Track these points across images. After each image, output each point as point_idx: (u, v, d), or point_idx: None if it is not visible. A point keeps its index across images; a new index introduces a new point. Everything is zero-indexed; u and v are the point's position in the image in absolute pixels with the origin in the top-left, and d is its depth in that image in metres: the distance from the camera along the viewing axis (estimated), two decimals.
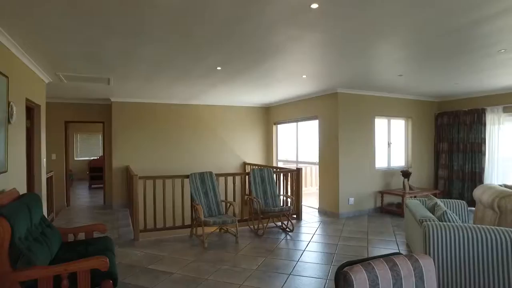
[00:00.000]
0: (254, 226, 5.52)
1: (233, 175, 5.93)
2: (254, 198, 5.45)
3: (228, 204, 5.37)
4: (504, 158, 6.71)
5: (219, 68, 4.58)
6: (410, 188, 6.71)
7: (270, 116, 9.01)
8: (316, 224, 5.97)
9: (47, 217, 5.68)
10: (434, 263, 3.10)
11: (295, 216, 6.33)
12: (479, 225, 3.14)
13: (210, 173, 5.44)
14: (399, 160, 7.47)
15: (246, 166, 8.63)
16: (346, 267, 1.39)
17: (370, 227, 5.71)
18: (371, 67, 4.66)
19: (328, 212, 6.62)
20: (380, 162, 7.06)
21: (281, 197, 6.24)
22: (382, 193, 6.81)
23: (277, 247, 4.73)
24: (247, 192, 6.57)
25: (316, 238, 5.16)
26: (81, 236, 3.46)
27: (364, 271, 1.38)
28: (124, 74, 4.97)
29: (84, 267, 2.33)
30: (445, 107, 7.69)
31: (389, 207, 6.78)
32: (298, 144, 8.06)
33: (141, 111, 7.59)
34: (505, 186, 5.14)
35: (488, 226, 3.10)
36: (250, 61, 4.22)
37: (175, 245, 4.79)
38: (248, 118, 8.88)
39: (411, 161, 7.48)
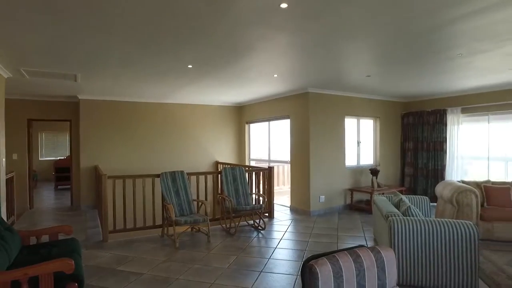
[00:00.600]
0: (226, 225, 5.52)
1: (205, 174, 5.90)
2: (226, 197, 5.45)
3: (200, 203, 5.34)
4: (462, 156, 7.10)
5: (190, 66, 4.54)
6: (378, 186, 6.94)
7: (242, 115, 9.03)
8: (288, 222, 6.05)
9: (7, 220, 5.40)
10: (398, 254, 3.26)
11: (267, 214, 6.39)
12: (438, 219, 3.32)
13: (182, 172, 5.38)
14: (368, 158, 7.72)
15: (219, 165, 8.61)
16: (312, 261, 1.43)
17: (340, 224, 5.86)
18: (340, 67, 4.78)
19: (300, 210, 6.72)
20: (350, 160, 7.26)
21: (253, 196, 6.29)
22: (351, 190, 7.01)
23: (249, 245, 4.76)
24: (219, 191, 6.55)
25: (287, 235, 5.23)
26: (45, 238, 3.33)
27: (328, 263, 1.43)
28: (92, 71, 4.81)
29: (46, 270, 2.24)
30: (411, 107, 8.03)
31: (359, 204, 6.99)
32: (270, 143, 8.13)
33: (111, 109, 7.38)
34: (463, 182, 5.44)
35: (445, 219, 3.28)
36: (222, 60, 4.22)
37: (146, 245, 4.71)
38: (220, 117, 8.85)
39: (379, 159, 7.75)
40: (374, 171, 6.89)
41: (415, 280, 3.27)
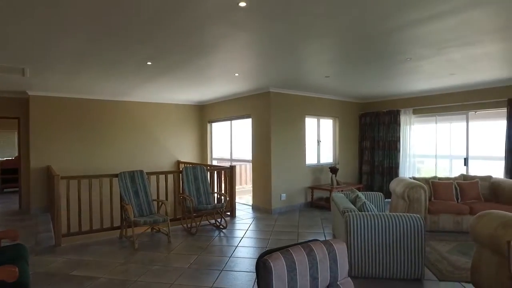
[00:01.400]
0: (187, 225, 5.46)
1: (165, 173, 5.79)
2: (187, 196, 5.39)
3: (160, 203, 5.23)
4: (414, 154, 7.56)
5: (149, 63, 4.43)
6: (337, 183, 7.19)
7: (204, 114, 8.95)
8: (250, 220, 6.10)
9: None
10: (354, 248, 3.41)
11: (229, 213, 6.40)
12: (390, 213, 3.51)
13: (141, 171, 5.25)
14: (327, 157, 7.97)
15: (180, 164, 8.47)
16: (266, 256, 1.47)
17: (300, 221, 6.00)
18: (300, 67, 4.89)
19: (262, 208, 6.80)
20: (310, 159, 7.45)
21: (215, 195, 6.27)
22: (312, 188, 7.20)
23: (210, 244, 4.74)
24: (181, 190, 6.46)
25: (249, 233, 5.27)
26: None
27: (282, 257, 1.47)
28: (43, 65, 4.54)
29: None
30: (368, 108, 8.40)
31: (319, 201, 7.19)
32: (232, 142, 8.14)
33: (65, 107, 7.00)
34: (414, 178, 5.79)
35: (396, 213, 3.48)
36: (182, 57, 4.17)
37: (103, 248, 4.54)
38: (182, 116, 8.71)
39: (339, 157, 8.03)
40: (333, 169, 7.13)
41: (369, 271, 3.43)
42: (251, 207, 7.18)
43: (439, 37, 3.44)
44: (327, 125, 8.00)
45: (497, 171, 6.15)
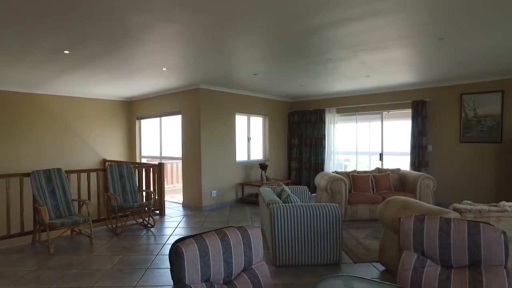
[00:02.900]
0: (112, 225, 5.19)
1: (88, 171, 5.42)
2: (111, 195, 5.12)
3: (81, 203, 4.89)
4: (337, 151, 8.12)
5: (66, 52, 4.11)
6: (267, 179, 7.42)
7: (132, 111, 8.56)
8: (179, 218, 6.01)
9: None
10: (278, 238, 3.56)
11: (158, 212, 6.22)
12: (310, 203, 3.74)
13: (59, 169, 4.84)
14: (258, 153, 8.17)
15: (107, 163, 7.98)
16: (179, 242, 1.48)
17: (230, 217, 6.07)
18: (229, 64, 4.94)
19: (192, 206, 6.74)
20: (241, 156, 7.58)
21: (143, 193, 6.04)
22: (242, 185, 7.33)
23: (136, 243, 4.57)
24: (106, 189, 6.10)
25: (178, 231, 5.19)
26: None
27: (195, 243, 1.50)
28: None
29: None
30: (296, 107, 8.80)
31: (249, 197, 7.35)
32: (162, 139, 7.92)
33: None
34: (336, 172, 6.24)
35: (316, 203, 3.72)
36: (104, 47, 3.94)
37: (10, 256, 4.09)
38: (108, 112, 8.22)
39: (268, 154, 8.28)
40: (263, 166, 7.34)
41: (293, 260, 3.62)
42: (181, 205, 7.06)
43: (353, 40, 3.76)
44: (257, 122, 8.20)
45: (405, 165, 6.92)
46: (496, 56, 4.49)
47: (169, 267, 1.47)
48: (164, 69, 5.11)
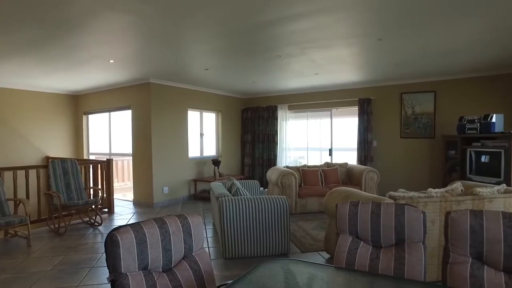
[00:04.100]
0: (54, 225, 4.90)
1: (26, 168, 5.06)
2: (54, 192, 4.83)
3: (18, 203, 4.56)
4: (289, 147, 8.34)
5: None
6: (220, 175, 7.43)
7: (79, 105, 8.12)
8: (129, 216, 5.83)
9: None
10: (228, 231, 3.60)
11: (106, 210, 5.99)
12: (258, 196, 3.82)
13: None
14: (211, 149, 8.14)
15: (50, 161, 7.49)
16: (115, 230, 1.46)
17: (182, 213, 5.98)
18: (179, 58, 4.87)
19: (143, 203, 6.56)
20: (194, 152, 7.51)
21: (91, 190, 5.78)
22: (195, 181, 7.27)
23: (81, 243, 4.37)
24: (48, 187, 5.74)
25: None
26: None
27: (131, 231, 1.49)
28: None
29: None
30: (249, 103, 8.89)
31: (202, 193, 7.31)
32: (112, 135, 7.62)
33: None
34: (287, 167, 6.41)
35: (264, 196, 3.81)
36: (43, 33, 3.69)
37: None
38: (52, 107, 7.71)
39: (221, 150, 8.29)
40: (216, 162, 7.33)
41: (242, 252, 3.68)
42: (132, 202, 6.84)
43: (301, 37, 3.89)
44: (210, 118, 8.17)
45: (353, 159, 7.28)
46: (427, 58, 4.87)
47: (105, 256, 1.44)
48: (112, 61, 4.91)
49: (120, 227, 1.50)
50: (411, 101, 6.64)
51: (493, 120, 4.98)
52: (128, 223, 1.56)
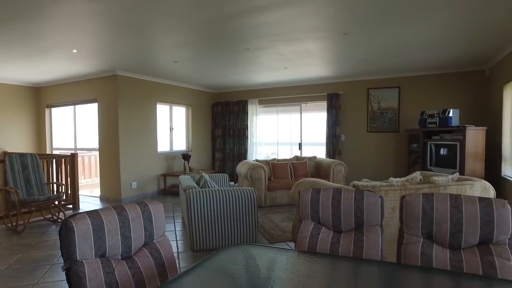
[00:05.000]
0: (12, 223, 4.67)
1: None
2: (11, 188, 4.60)
3: None
4: (260, 142, 8.38)
5: None
6: (190, 170, 7.35)
7: (41, 98, 7.75)
8: None
9: None
10: (195, 223, 3.58)
11: (71, 206, 5.78)
12: (226, 188, 3.83)
13: None
14: (181, 144, 8.04)
15: (7, 155, 7.11)
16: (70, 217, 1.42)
17: None
18: (148, 50, 4.76)
19: (111, 199, 6.39)
20: (163, 146, 7.39)
21: (55, 186, 5.55)
22: (165, 175, 7.16)
23: (41, 240, 4.20)
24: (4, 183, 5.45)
25: None
26: None
27: (88, 217, 1.45)
28: None
29: None
30: (219, 98, 8.85)
31: (172, 188, 7.21)
32: (77, 129, 7.34)
33: None
34: (257, 161, 6.45)
35: (232, 187, 3.83)
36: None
37: None
38: (10, 99, 7.31)
39: (192, 145, 8.20)
40: (185, 156, 7.25)
41: (210, 243, 3.67)
42: (99, 198, 6.64)
43: (269, 30, 3.91)
44: (180, 112, 8.06)
45: (322, 153, 7.43)
46: (392, 55, 5.05)
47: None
48: (75, 51, 4.72)
49: (76, 214, 1.46)
50: (377, 97, 6.86)
51: (450, 114, 5.25)
52: (88, 211, 1.52)
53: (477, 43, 4.42)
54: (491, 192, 3.18)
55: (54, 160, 5.79)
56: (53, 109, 7.79)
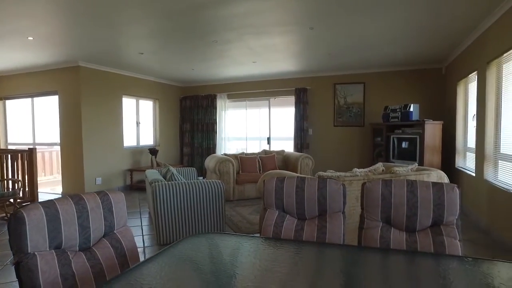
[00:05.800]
0: None
1: None
2: None
3: None
4: (228, 137, 8.36)
5: None
6: (158, 165, 7.20)
7: None
8: None
9: None
10: (161, 216, 3.52)
11: (29, 203, 5.47)
12: (193, 180, 3.79)
13: None
14: (148, 139, 7.85)
15: None
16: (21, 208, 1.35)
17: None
18: (111, 40, 4.59)
19: None
20: (129, 141, 7.18)
21: (10, 183, 5.24)
22: (131, 170, 6.97)
23: None
24: None
25: None
26: None
27: (41, 207, 1.39)
28: None
29: None
30: (188, 92, 8.71)
31: (139, 184, 7.04)
32: (35, 123, 6.96)
33: None
34: (225, 155, 6.43)
35: (199, 180, 3.79)
36: None
37: None
38: None
39: (159, 139, 8.03)
40: (153, 151, 7.09)
41: (177, 237, 3.62)
42: (61, 195, 6.35)
43: (237, 23, 3.89)
44: (147, 106, 7.86)
45: (290, 147, 7.53)
46: (354, 49, 5.18)
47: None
48: (31, 38, 4.46)
49: (27, 204, 1.39)
50: (343, 92, 7.03)
51: (411, 109, 5.49)
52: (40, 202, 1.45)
53: (435, 40, 4.64)
54: (445, 181, 3.37)
55: (9, 155, 5.45)
56: (7, 101, 7.32)
